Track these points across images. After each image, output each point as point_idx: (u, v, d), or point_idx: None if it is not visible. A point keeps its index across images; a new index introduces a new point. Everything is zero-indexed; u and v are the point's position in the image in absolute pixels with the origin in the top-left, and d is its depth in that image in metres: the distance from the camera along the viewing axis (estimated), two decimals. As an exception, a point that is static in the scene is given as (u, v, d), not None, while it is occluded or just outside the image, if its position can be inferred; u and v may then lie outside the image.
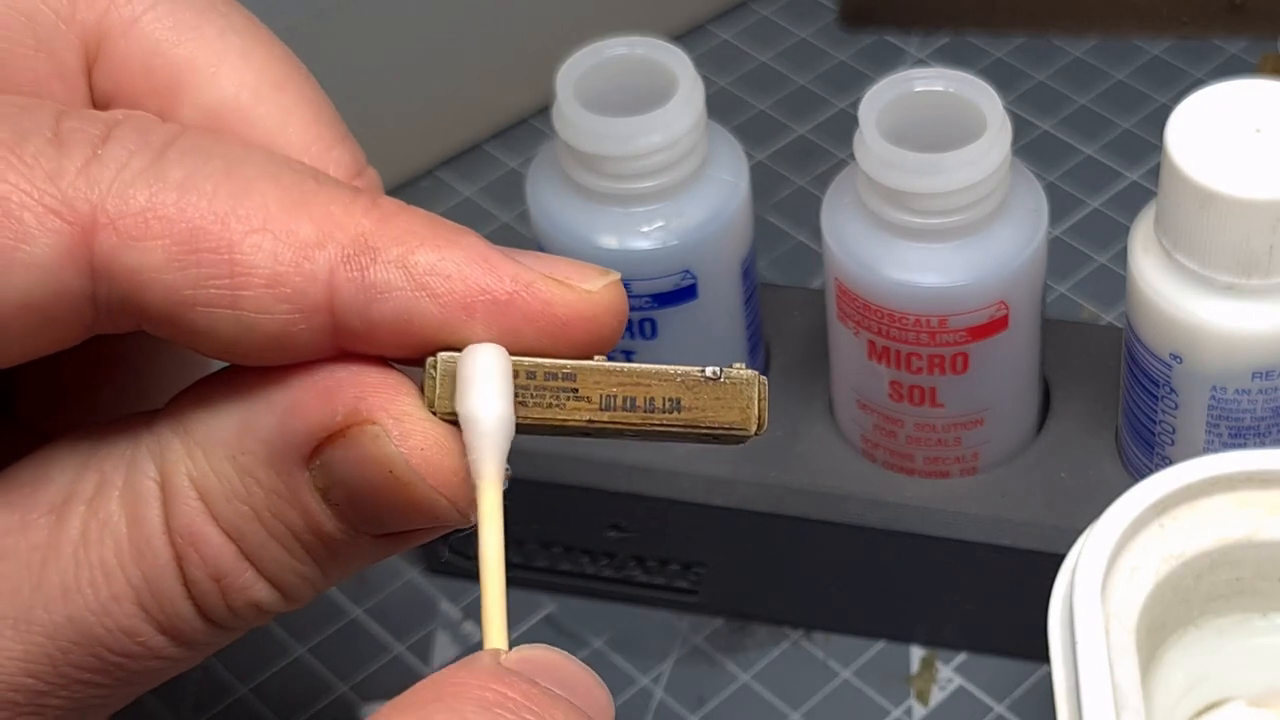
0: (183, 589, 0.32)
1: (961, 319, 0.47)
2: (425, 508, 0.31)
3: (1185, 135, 0.43)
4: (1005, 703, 0.51)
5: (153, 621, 0.32)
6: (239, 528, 0.32)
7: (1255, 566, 0.43)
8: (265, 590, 0.32)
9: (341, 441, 0.31)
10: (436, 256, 0.30)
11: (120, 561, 0.32)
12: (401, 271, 0.30)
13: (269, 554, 0.32)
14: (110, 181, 0.30)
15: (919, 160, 0.45)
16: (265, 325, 0.30)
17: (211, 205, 0.30)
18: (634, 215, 0.48)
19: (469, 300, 0.31)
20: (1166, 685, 0.43)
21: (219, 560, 0.32)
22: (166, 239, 0.30)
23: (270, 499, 0.31)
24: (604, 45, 0.48)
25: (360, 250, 0.30)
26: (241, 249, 0.30)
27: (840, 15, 0.69)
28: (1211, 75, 0.65)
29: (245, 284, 0.30)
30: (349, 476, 0.31)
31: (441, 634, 0.53)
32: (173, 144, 0.31)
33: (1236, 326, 0.44)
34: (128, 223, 0.30)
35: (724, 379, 0.32)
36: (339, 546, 0.32)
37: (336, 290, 0.30)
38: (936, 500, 0.49)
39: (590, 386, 0.31)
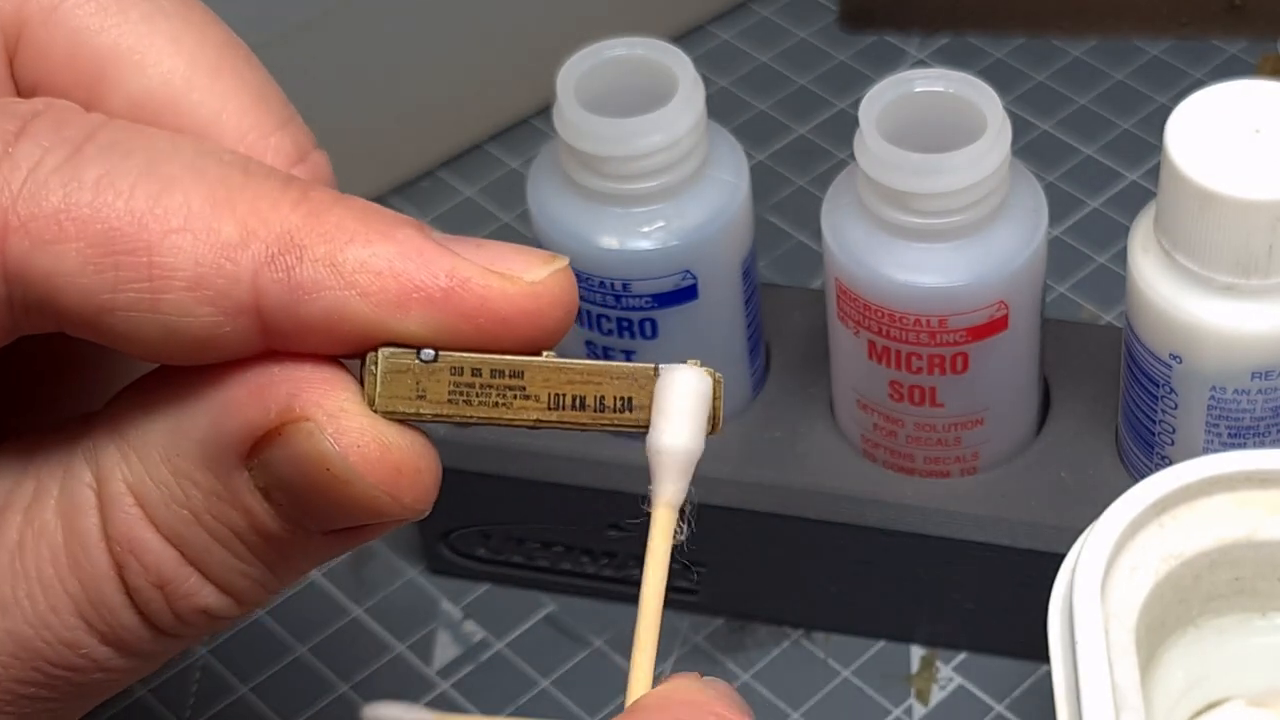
0: (125, 598, 0.31)
1: (961, 319, 0.47)
2: (367, 505, 0.30)
3: (1185, 135, 0.43)
4: (1005, 703, 0.51)
5: (95, 633, 0.31)
6: (179, 533, 0.30)
7: (1255, 566, 0.43)
8: (213, 595, 0.31)
9: (278, 440, 0.30)
10: (367, 252, 0.29)
11: (58, 572, 0.30)
12: (330, 270, 0.29)
13: (213, 558, 0.31)
14: (22, 182, 0.29)
15: (919, 160, 0.45)
16: (189, 328, 0.29)
17: (129, 204, 0.29)
18: (634, 216, 0.48)
19: (402, 298, 0.29)
20: (1166, 685, 0.43)
21: (160, 567, 0.30)
22: (81, 241, 0.29)
23: (209, 501, 0.30)
24: (604, 46, 0.48)
25: (286, 248, 0.29)
26: (160, 250, 0.29)
27: (840, 16, 0.69)
28: (1211, 76, 0.65)
29: (165, 287, 0.29)
30: (288, 475, 0.30)
31: (442, 634, 0.53)
32: (91, 138, 0.29)
33: (1236, 326, 0.44)
34: (40, 225, 0.28)
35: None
36: (286, 546, 0.31)
37: (262, 291, 0.29)
38: (936, 500, 0.50)
39: (539, 385, 0.30)
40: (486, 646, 0.53)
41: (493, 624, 0.54)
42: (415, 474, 0.30)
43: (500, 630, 0.53)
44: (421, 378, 0.30)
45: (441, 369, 0.30)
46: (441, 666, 0.53)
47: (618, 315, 0.49)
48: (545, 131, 0.63)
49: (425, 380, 0.30)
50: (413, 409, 0.30)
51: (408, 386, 0.30)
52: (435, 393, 0.30)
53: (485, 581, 0.54)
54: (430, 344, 0.30)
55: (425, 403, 0.30)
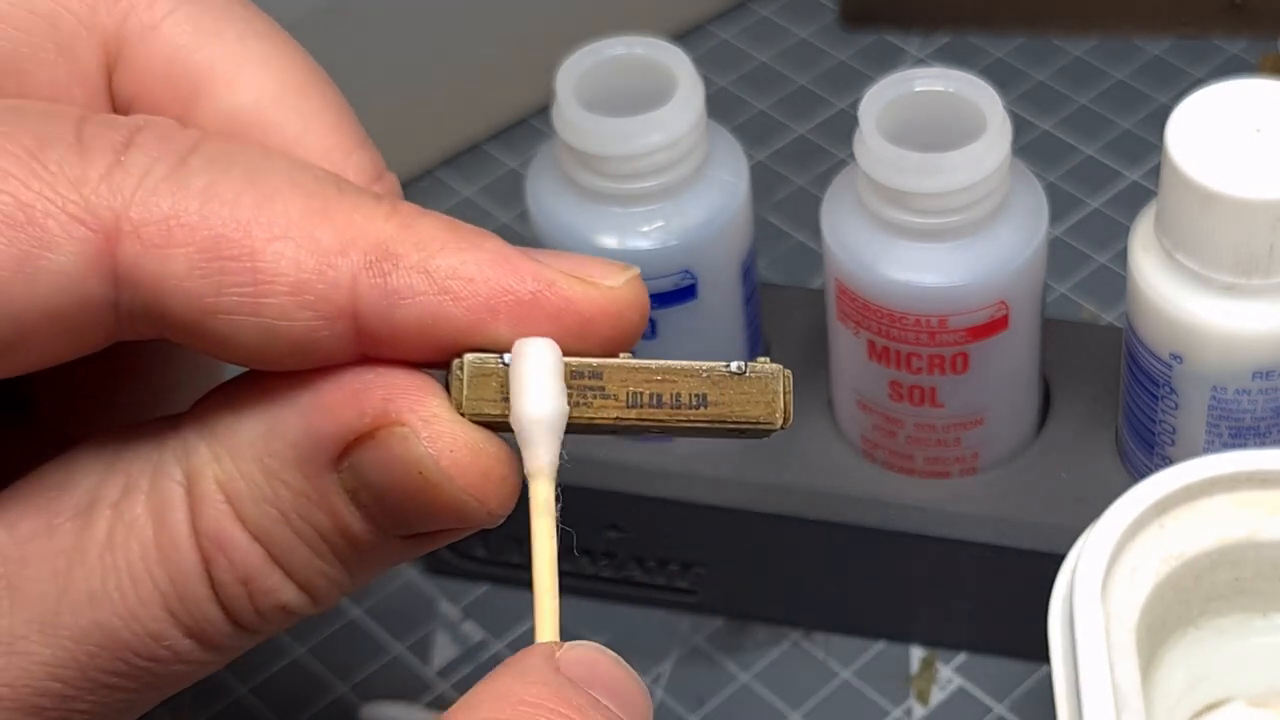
0: (210, 592, 0.32)
1: (961, 319, 0.47)
2: (454, 509, 0.31)
3: (1185, 135, 0.43)
4: (1005, 703, 0.51)
5: (180, 626, 0.32)
6: (267, 530, 0.32)
7: (1255, 566, 0.43)
8: (293, 593, 0.32)
9: (370, 443, 0.31)
10: (458, 260, 0.31)
11: (147, 565, 0.31)
12: (423, 276, 0.30)
13: (297, 556, 0.32)
14: (133, 189, 0.30)
15: (919, 160, 0.45)
16: (289, 332, 0.30)
17: (234, 212, 0.30)
18: (634, 215, 0.48)
19: (492, 301, 0.31)
20: (1166, 685, 0.43)
21: (247, 563, 0.32)
22: (189, 246, 0.30)
23: (298, 501, 0.31)
24: (604, 45, 0.48)
25: (382, 256, 0.30)
26: (264, 256, 0.30)
27: (840, 15, 0.69)
28: (1212, 75, 0.65)
29: (268, 291, 0.30)
30: (377, 478, 0.31)
31: (441, 634, 0.53)
32: (195, 150, 0.31)
33: (1237, 326, 0.44)
34: (151, 230, 0.30)
35: (749, 373, 0.32)
36: (366, 548, 0.32)
37: (360, 296, 0.30)
38: (936, 500, 0.49)
39: (617, 384, 0.31)
40: (485, 647, 0.53)
41: (492, 624, 0.53)
42: (502, 480, 0.32)
43: (499, 630, 0.53)
44: (506, 380, 0.31)
45: None
46: (440, 667, 0.53)
47: (617, 315, 0.49)
48: (544, 131, 0.63)
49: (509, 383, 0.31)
50: (498, 410, 0.31)
51: (493, 389, 0.31)
52: None
53: (484, 582, 0.54)
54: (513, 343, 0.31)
55: (509, 406, 0.31)
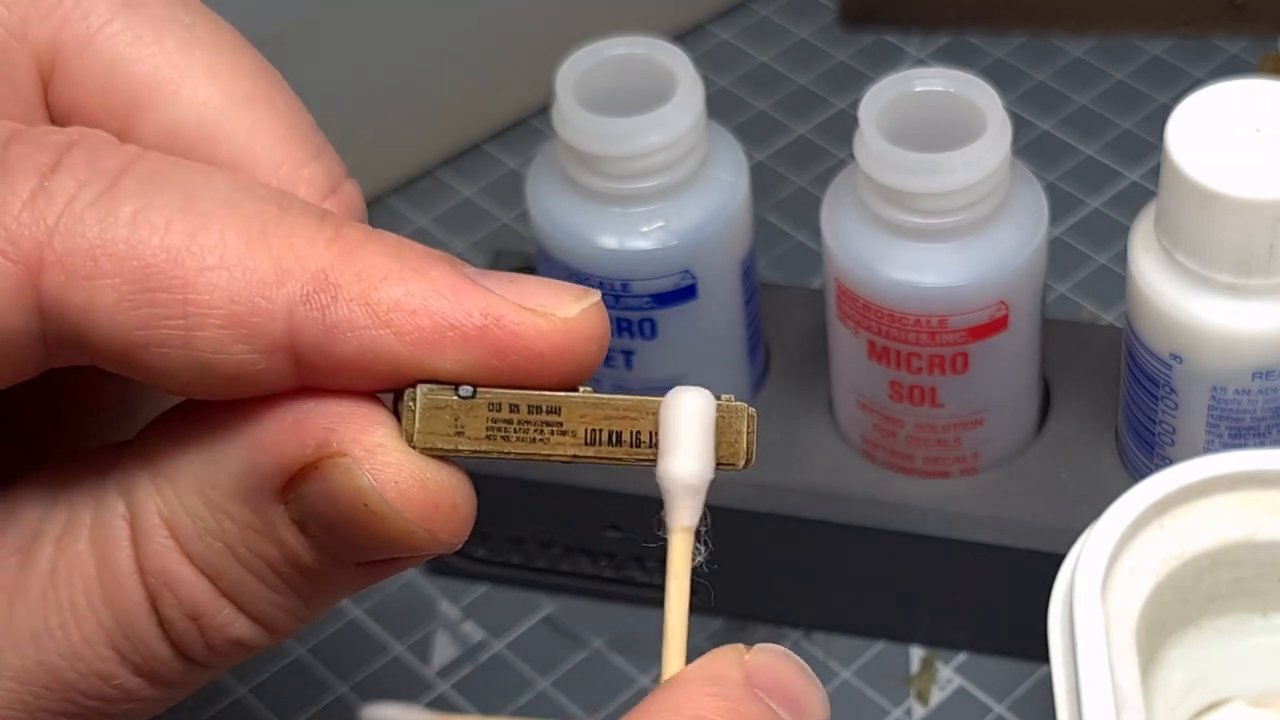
0: (158, 630, 0.31)
1: (961, 319, 0.46)
2: (403, 540, 0.30)
3: (1185, 135, 0.43)
4: (1005, 703, 0.51)
5: (127, 664, 0.31)
6: (213, 564, 0.30)
7: (1255, 566, 0.43)
8: (246, 626, 0.31)
9: (314, 475, 0.30)
10: (401, 291, 0.29)
11: (90, 603, 0.30)
12: (364, 309, 0.29)
13: (247, 590, 0.31)
14: (58, 216, 0.28)
15: (919, 160, 0.45)
16: (223, 365, 0.29)
17: (164, 240, 0.29)
18: (634, 215, 0.48)
19: (436, 336, 0.29)
20: (1167, 685, 0.43)
21: (194, 599, 0.30)
22: (117, 278, 0.28)
23: (245, 534, 0.30)
24: (604, 45, 0.48)
25: (320, 288, 0.29)
26: (195, 288, 0.29)
27: (840, 15, 0.69)
28: (1212, 75, 0.65)
29: (199, 324, 0.29)
30: (324, 510, 0.30)
31: (441, 634, 0.53)
32: (126, 172, 0.29)
33: (1237, 326, 0.44)
34: (75, 260, 0.28)
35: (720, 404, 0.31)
36: (320, 578, 0.31)
37: (296, 329, 0.29)
38: (936, 500, 0.49)
39: (575, 420, 0.30)
40: (485, 647, 0.53)
41: (492, 624, 0.53)
42: (452, 509, 0.30)
43: (499, 631, 0.53)
44: (460, 414, 0.30)
45: (479, 405, 0.30)
46: (440, 667, 0.53)
47: (617, 315, 0.49)
48: (544, 131, 0.63)
49: (463, 417, 0.30)
50: (451, 445, 0.30)
51: (446, 423, 0.30)
52: (473, 429, 0.30)
53: (484, 582, 0.54)
54: (464, 380, 0.30)
55: (464, 439, 0.30)
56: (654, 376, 0.50)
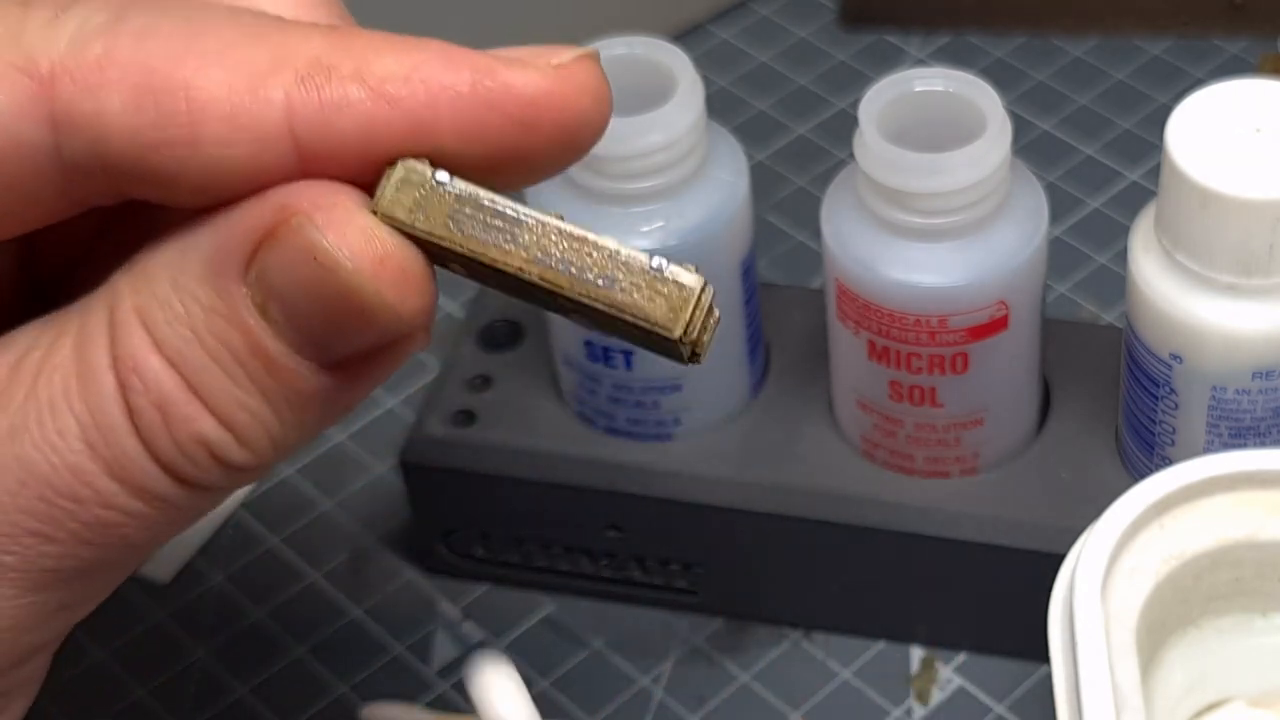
0: (127, 422, 0.31)
1: (961, 319, 0.46)
2: (357, 305, 0.30)
3: (1185, 135, 0.43)
4: (1005, 703, 0.51)
5: (99, 459, 0.31)
6: (179, 351, 0.31)
7: (1255, 566, 0.43)
8: (211, 426, 0.31)
9: (272, 242, 0.30)
10: (393, 61, 0.30)
11: (66, 395, 0.31)
12: (358, 84, 0.30)
13: (212, 382, 0.31)
14: (70, 37, 0.30)
15: (919, 160, 0.45)
16: (230, 159, 0.30)
17: (165, 46, 0.30)
18: (634, 215, 0.48)
19: (431, 101, 0.30)
20: (1167, 685, 0.43)
21: (160, 387, 0.31)
22: (122, 83, 0.30)
23: (209, 319, 0.31)
24: (604, 45, 0.48)
25: (315, 70, 0.30)
26: (196, 84, 0.30)
27: (840, 15, 0.69)
28: (1212, 75, 0.65)
29: (203, 119, 0.30)
30: (280, 280, 0.30)
31: (440, 634, 0.53)
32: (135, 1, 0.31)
33: (1237, 326, 0.44)
34: (85, 71, 0.30)
35: (666, 273, 0.30)
36: (286, 378, 0.31)
37: (294, 113, 0.30)
38: (936, 500, 0.49)
39: (533, 237, 0.30)
40: (485, 647, 0.53)
41: (492, 624, 0.53)
42: (400, 272, 0.30)
43: (499, 631, 0.53)
44: (429, 195, 0.30)
45: (450, 193, 0.30)
46: (440, 667, 0.53)
47: (617, 315, 0.49)
48: (545, 131, 0.63)
49: (431, 198, 0.30)
50: (409, 220, 0.30)
51: (412, 199, 0.30)
52: (435, 213, 0.30)
53: (484, 582, 0.54)
54: (464, 157, 0.30)
55: (421, 217, 0.30)
56: (654, 376, 0.50)
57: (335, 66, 0.30)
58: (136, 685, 0.52)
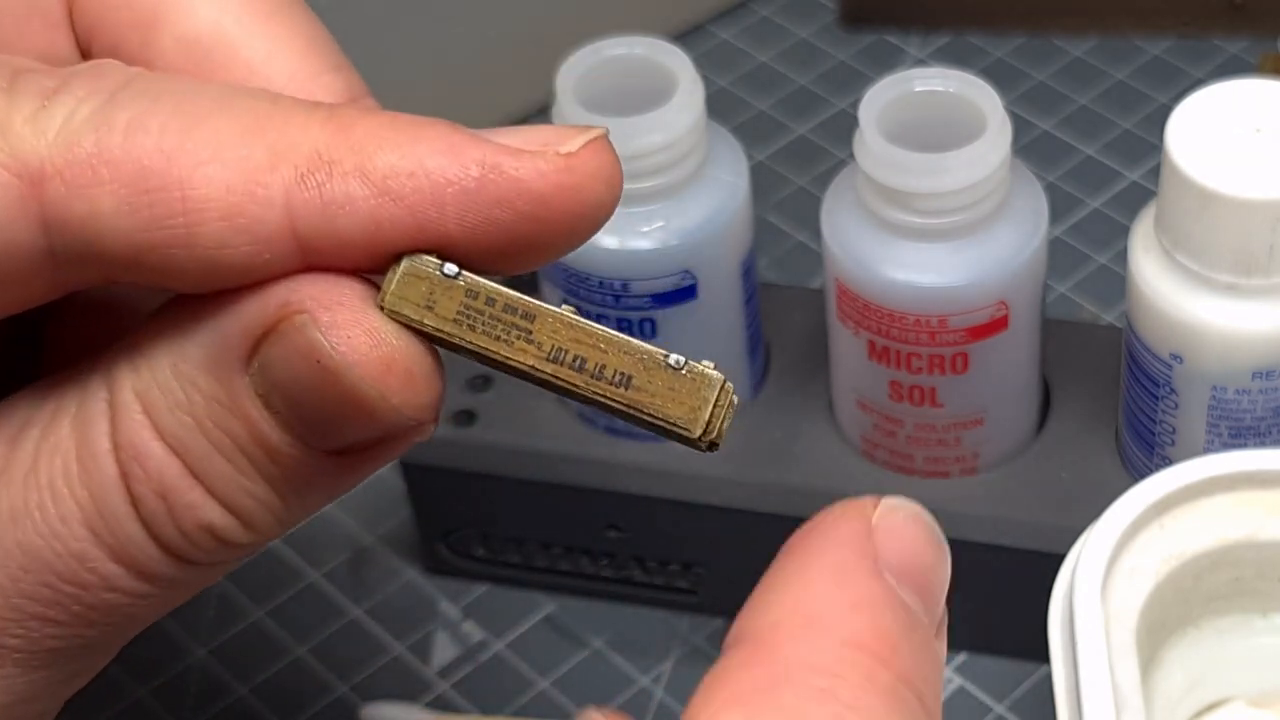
0: (130, 509, 0.31)
1: (961, 319, 0.46)
2: (360, 405, 0.29)
3: (1185, 135, 0.43)
4: (1005, 703, 0.51)
5: (103, 545, 0.31)
6: (182, 440, 0.30)
7: (1255, 566, 0.43)
8: (217, 512, 0.31)
9: (274, 337, 0.29)
10: (396, 156, 0.29)
11: (67, 481, 0.30)
12: (360, 181, 0.29)
13: (215, 469, 0.30)
14: (57, 130, 0.29)
15: (919, 160, 0.45)
16: (229, 259, 0.29)
17: (159, 142, 0.29)
18: (634, 215, 0.48)
19: (437, 196, 0.29)
20: (1167, 685, 0.43)
21: (163, 475, 0.30)
22: (115, 183, 0.29)
23: (211, 408, 0.30)
24: (604, 45, 0.48)
25: (315, 167, 0.29)
26: (191, 184, 0.29)
27: (840, 15, 0.69)
28: (1212, 75, 0.65)
29: (199, 220, 0.29)
30: (283, 375, 0.30)
31: (441, 634, 0.53)
32: (125, 87, 0.30)
33: (1237, 326, 0.44)
34: (74, 171, 0.29)
35: (684, 370, 0.29)
36: (290, 464, 0.31)
37: (295, 212, 0.29)
38: (936, 500, 0.49)
39: (545, 333, 0.29)
40: (485, 647, 0.53)
41: (492, 624, 0.53)
42: (406, 374, 0.30)
43: (499, 631, 0.53)
44: (437, 289, 0.29)
45: (459, 286, 0.29)
46: (440, 667, 0.53)
47: (617, 315, 0.49)
48: (545, 131, 0.63)
49: (439, 293, 0.29)
50: (417, 317, 0.29)
51: (420, 294, 0.29)
52: (444, 308, 0.29)
53: (484, 582, 0.54)
54: (471, 249, 0.29)
55: (431, 314, 0.29)
56: (654, 376, 0.50)
57: (337, 162, 0.29)
58: (136, 685, 0.52)
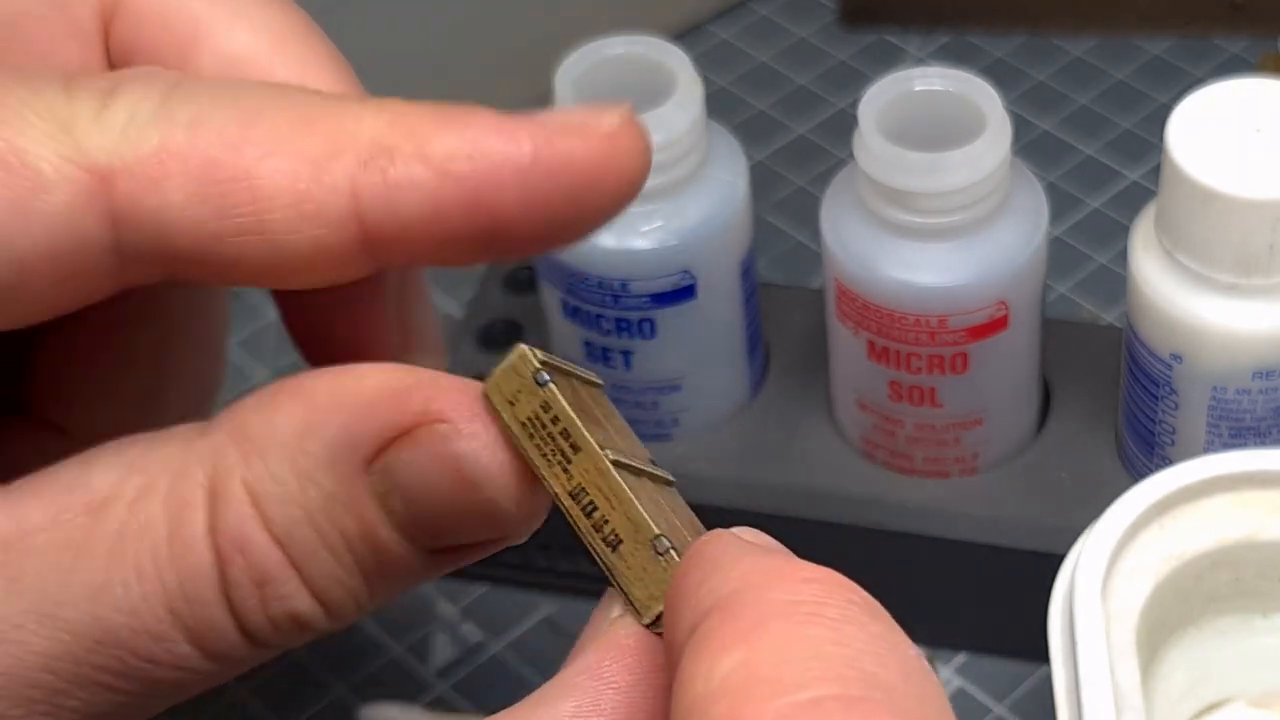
0: (220, 596, 0.31)
1: (961, 319, 0.46)
2: (489, 512, 0.31)
3: (1186, 134, 0.43)
4: (1005, 703, 0.51)
5: (182, 628, 0.31)
6: (290, 533, 0.31)
7: (1256, 567, 0.43)
8: (307, 602, 0.32)
9: (407, 442, 0.30)
10: (453, 140, 0.30)
11: (156, 563, 0.31)
12: (421, 164, 0.30)
13: (317, 562, 0.31)
14: (122, 127, 0.30)
15: (919, 159, 0.45)
16: (296, 245, 0.30)
17: (222, 136, 0.30)
18: (632, 215, 0.47)
19: (494, 175, 0.30)
20: (1167, 686, 0.43)
21: (264, 565, 0.31)
22: (184, 176, 0.30)
23: (327, 503, 0.31)
24: (603, 44, 0.48)
25: (376, 153, 0.30)
26: (259, 173, 0.30)
27: (840, 14, 0.69)
28: (1212, 74, 0.65)
29: (270, 207, 0.30)
30: (412, 480, 0.30)
31: (440, 634, 0.53)
32: (179, 86, 0.31)
33: (1237, 326, 0.44)
34: (144, 166, 0.30)
35: (664, 557, 0.30)
36: (390, 560, 0.31)
37: (360, 197, 0.30)
38: (936, 500, 0.49)
39: (580, 469, 0.30)
40: (485, 648, 0.53)
41: (491, 625, 0.53)
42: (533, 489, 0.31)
43: (498, 631, 0.53)
44: (524, 391, 0.30)
45: (539, 396, 0.30)
46: (439, 667, 0.53)
47: (616, 315, 0.49)
48: (544, 131, 0.63)
49: (524, 395, 0.30)
50: (500, 408, 0.31)
51: (510, 389, 0.30)
52: (521, 410, 0.30)
53: (483, 582, 0.54)
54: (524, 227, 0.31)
55: (509, 409, 0.30)
56: (653, 377, 0.50)
57: (397, 147, 0.30)
58: (135, 686, 0.52)
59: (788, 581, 0.28)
